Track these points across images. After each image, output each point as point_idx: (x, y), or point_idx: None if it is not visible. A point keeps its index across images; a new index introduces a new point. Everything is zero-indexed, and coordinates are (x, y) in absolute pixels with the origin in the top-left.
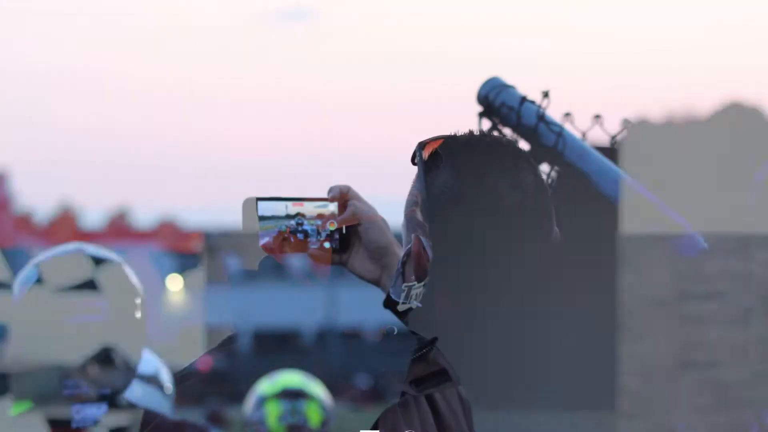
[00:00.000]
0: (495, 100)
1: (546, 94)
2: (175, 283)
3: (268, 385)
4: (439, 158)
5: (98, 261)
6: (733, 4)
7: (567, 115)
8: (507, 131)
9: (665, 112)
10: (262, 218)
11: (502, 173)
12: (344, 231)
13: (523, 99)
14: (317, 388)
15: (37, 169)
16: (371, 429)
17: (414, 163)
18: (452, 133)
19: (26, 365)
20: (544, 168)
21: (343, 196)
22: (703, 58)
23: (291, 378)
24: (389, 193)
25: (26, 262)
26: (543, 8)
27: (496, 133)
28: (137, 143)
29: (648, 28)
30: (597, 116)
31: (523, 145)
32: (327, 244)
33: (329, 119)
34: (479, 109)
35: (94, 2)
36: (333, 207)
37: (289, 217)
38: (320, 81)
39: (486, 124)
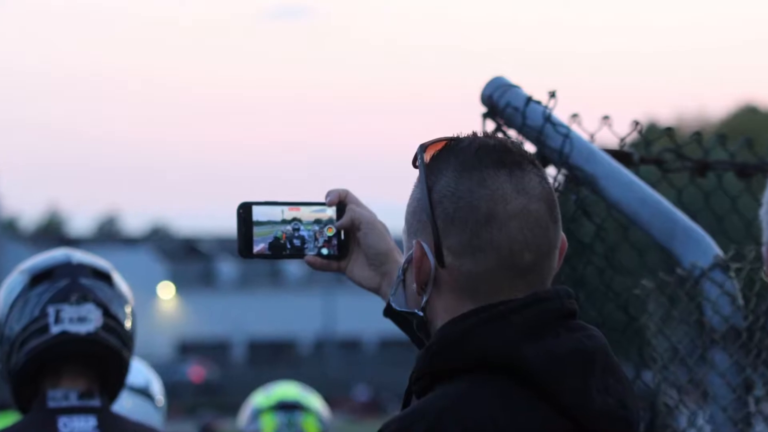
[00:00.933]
0: (499, 100)
1: (552, 95)
2: (166, 290)
3: (263, 397)
4: (441, 161)
5: (87, 268)
6: (745, 4)
7: (574, 116)
8: (512, 133)
9: (676, 114)
10: (257, 223)
11: (506, 177)
12: (342, 237)
13: (529, 99)
14: (314, 400)
15: (25, 171)
16: None
17: (415, 166)
18: (455, 135)
19: None
20: (551, 171)
21: (341, 201)
22: (716, 58)
23: (287, 390)
24: (389, 197)
25: (12, 268)
26: (549, 5)
27: (500, 135)
28: (128, 145)
29: (658, 26)
30: (605, 117)
31: (529, 147)
32: (325, 251)
33: (327, 120)
34: (483, 109)
35: (88, 1)
36: (331, 212)
37: (285, 222)
38: (318, 81)
39: (490, 126)
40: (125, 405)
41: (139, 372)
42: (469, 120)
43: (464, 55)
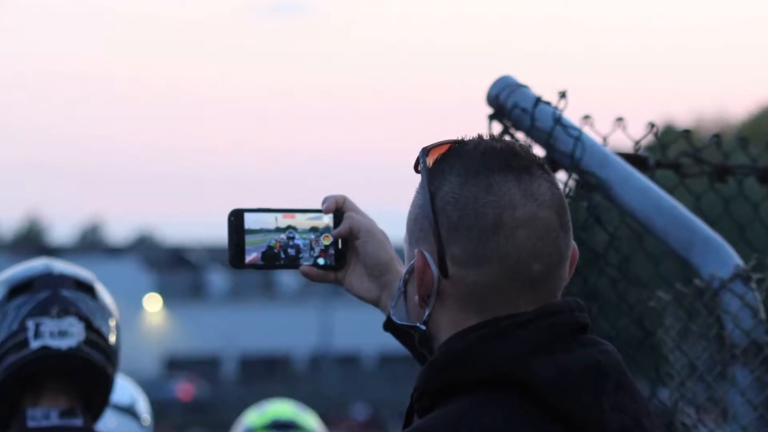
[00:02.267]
0: (506, 101)
1: (563, 95)
2: (153, 302)
3: (256, 415)
4: (444, 165)
5: (69, 280)
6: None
7: (586, 117)
8: (520, 135)
9: (694, 115)
10: (249, 232)
11: (514, 182)
12: (340, 246)
13: (538, 100)
14: (310, 419)
15: (2, 176)
16: None
17: (417, 171)
18: (459, 138)
19: None
20: (561, 176)
21: (338, 207)
22: (736, 56)
23: (281, 408)
24: (390, 204)
25: None
26: (559, 1)
27: (507, 138)
28: (112, 149)
29: (675, 22)
30: (619, 119)
31: (538, 150)
32: (321, 261)
33: (324, 123)
34: (489, 111)
35: None
36: (327, 219)
37: (279, 230)
38: (315, 80)
39: (497, 128)
40: (110, 424)
41: (124, 389)
42: (474, 122)
43: (469, 54)
